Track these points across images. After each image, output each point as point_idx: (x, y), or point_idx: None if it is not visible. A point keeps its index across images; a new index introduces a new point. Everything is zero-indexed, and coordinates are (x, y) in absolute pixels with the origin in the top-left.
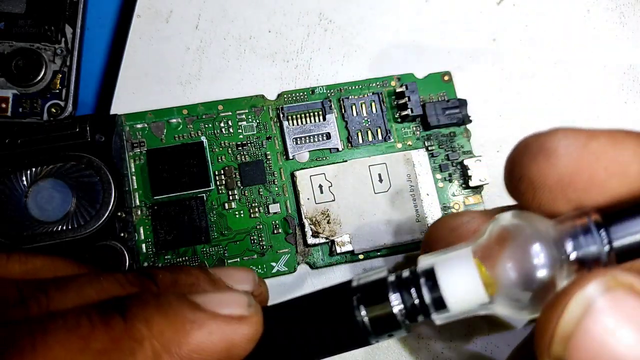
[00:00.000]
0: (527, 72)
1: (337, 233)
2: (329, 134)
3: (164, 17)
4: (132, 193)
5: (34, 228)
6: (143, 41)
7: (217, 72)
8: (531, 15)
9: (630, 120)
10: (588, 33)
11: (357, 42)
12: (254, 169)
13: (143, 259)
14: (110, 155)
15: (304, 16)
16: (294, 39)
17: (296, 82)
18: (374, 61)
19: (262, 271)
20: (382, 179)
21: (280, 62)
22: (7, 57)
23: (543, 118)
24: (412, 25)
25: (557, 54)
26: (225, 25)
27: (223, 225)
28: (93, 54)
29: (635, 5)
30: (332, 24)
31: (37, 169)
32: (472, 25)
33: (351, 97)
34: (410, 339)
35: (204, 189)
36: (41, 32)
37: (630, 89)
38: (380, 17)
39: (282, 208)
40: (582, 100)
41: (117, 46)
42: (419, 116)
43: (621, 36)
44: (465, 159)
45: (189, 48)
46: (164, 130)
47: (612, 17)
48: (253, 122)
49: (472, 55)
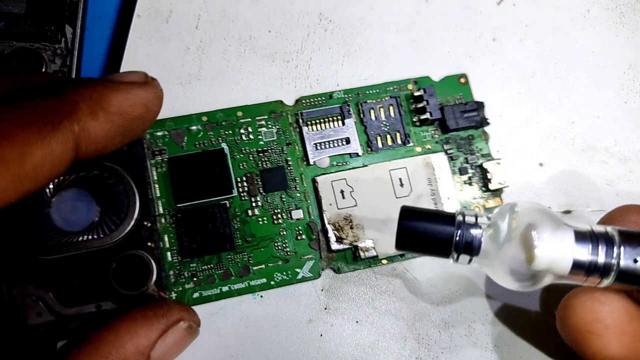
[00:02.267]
0: (527, 72)
1: (361, 238)
2: (348, 138)
3: (164, 17)
4: (154, 201)
5: (58, 238)
6: (143, 41)
7: (217, 72)
8: (531, 15)
9: (630, 120)
10: (588, 33)
11: (357, 42)
12: (275, 175)
13: (168, 267)
14: (134, 164)
15: (304, 16)
16: (294, 39)
17: (296, 82)
18: (374, 61)
19: (287, 277)
20: (402, 183)
21: (280, 62)
22: (7, 57)
23: (543, 118)
24: (412, 25)
25: (557, 54)
26: (225, 25)
27: (247, 232)
28: (93, 54)
29: (635, 5)
30: (332, 24)
31: (59, 179)
32: (472, 25)
33: (369, 101)
34: (411, 338)
35: (227, 195)
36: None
37: (630, 89)
38: (380, 17)
39: (305, 214)
40: (582, 100)
41: (117, 46)
42: (438, 119)
43: (621, 36)
44: (484, 161)
45: (189, 48)
46: (184, 137)
47: (612, 17)
48: (273, 128)
49: (472, 55)
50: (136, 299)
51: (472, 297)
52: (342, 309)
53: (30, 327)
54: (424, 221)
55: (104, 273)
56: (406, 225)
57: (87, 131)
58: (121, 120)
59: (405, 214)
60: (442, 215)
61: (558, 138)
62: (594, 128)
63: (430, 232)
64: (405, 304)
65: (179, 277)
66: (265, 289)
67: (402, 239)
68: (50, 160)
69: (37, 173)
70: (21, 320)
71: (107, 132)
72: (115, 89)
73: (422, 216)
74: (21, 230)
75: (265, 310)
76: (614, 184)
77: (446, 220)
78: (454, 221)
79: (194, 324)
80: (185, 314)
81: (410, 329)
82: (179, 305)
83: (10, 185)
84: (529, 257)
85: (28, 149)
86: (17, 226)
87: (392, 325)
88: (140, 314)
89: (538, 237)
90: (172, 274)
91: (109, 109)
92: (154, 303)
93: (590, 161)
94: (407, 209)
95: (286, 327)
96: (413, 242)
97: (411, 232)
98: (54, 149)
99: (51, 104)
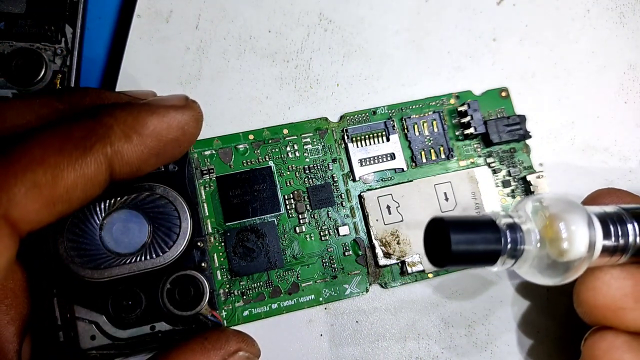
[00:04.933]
0: (527, 72)
1: (408, 253)
2: (393, 154)
3: (164, 17)
4: (203, 220)
5: (110, 260)
6: (143, 41)
7: (217, 72)
8: (531, 15)
9: (630, 120)
10: (588, 33)
11: (357, 42)
12: (322, 191)
13: (218, 286)
14: (185, 184)
15: (304, 16)
16: (294, 39)
17: (296, 82)
18: (374, 61)
19: (335, 293)
20: (447, 197)
21: (280, 62)
22: (7, 57)
23: (543, 118)
24: (412, 25)
25: (557, 54)
26: (225, 25)
27: (295, 249)
28: (93, 54)
29: (635, 5)
30: (332, 24)
31: (110, 200)
32: (472, 25)
33: (412, 117)
34: (411, 338)
35: (275, 213)
36: (41, 32)
37: (630, 89)
38: (380, 17)
39: (352, 230)
40: (582, 100)
41: (117, 46)
42: (481, 134)
43: (621, 36)
44: (527, 174)
45: (189, 48)
46: (231, 156)
47: (612, 17)
48: (318, 145)
49: (472, 55)
50: (190, 319)
51: (472, 297)
52: (342, 309)
53: (84, 351)
54: (468, 232)
55: (157, 294)
56: (455, 240)
57: (120, 154)
58: (155, 143)
59: (447, 226)
60: (482, 223)
61: (558, 138)
62: (594, 128)
63: (478, 244)
64: (405, 304)
65: (228, 295)
66: (313, 305)
67: (449, 257)
68: (82, 183)
69: (70, 195)
70: (75, 344)
71: (140, 154)
72: (152, 112)
73: (464, 227)
74: (73, 252)
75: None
76: (614, 184)
77: (489, 227)
78: (496, 226)
79: (252, 355)
80: (244, 345)
81: (410, 329)
82: (238, 336)
83: (43, 208)
84: (562, 251)
85: (59, 172)
86: (69, 249)
87: (392, 325)
88: (199, 345)
89: (567, 229)
90: (222, 292)
91: (144, 132)
92: (211, 331)
93: (590, 161)
94: (446, 221)
95: (286, 327)
96: (461, 259)
97: (459, 248)
98: (86, 171)
99: (85, 126)
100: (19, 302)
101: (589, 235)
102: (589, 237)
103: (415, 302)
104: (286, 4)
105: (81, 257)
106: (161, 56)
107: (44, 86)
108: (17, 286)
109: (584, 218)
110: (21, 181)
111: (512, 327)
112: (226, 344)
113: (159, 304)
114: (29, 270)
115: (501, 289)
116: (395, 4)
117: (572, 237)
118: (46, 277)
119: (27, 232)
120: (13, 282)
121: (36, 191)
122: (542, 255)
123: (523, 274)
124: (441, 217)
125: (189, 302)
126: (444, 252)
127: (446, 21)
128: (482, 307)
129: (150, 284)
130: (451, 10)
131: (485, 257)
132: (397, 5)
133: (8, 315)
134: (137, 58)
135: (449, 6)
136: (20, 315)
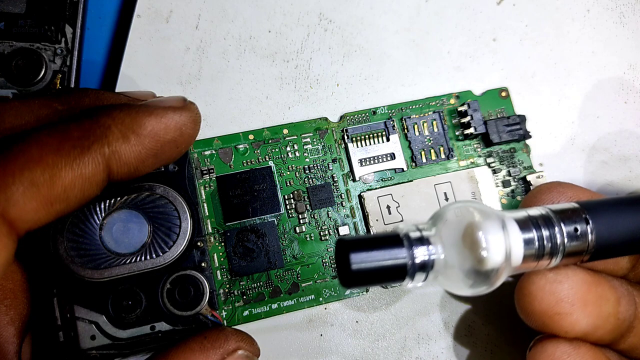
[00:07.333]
0: (527, 72)
1: None
2: (393, 154)
3: (164, 17)
4: (203, 220)
5: (110, 260)
6: (143, 41)
7: (217, 72)
8: (531, 15)
9: (630, 120)
10: (588, 33)
11: (357, 42)
12: (322, 191)
13: (218, 286)
14: (185, 184)
15: (304, 16)
16: (294, 39)
17: (296, 82)
18: (374, 61)
19: (335, 293)
20: (447, 197)
21: (280, 62)
22: (7, 57)
23: (543, 118)
24: (412, 25)
25: (557, 54)
26: (225, 25)
27: (295, 249)
28: (93, 54)
29: (635, 5)
30: (332, 24)
31: (110, 201)
32: (472, 25)
33: (412, 117)
34: (411, 338)
35: (275, 213)
36: (41, 32)
37: (630, 89)
38: (380, 17)
39: (352, 230)
40: (582, 100)
41: (117, 46)
42: (481, 134)
43: (621, 36)
44: (527, 174)
45: (189, 48)
46: (231, 156)
47: (612, 17)
48: (318, 145)
49: (472, 55)
50: (190, 319)
51: (472, 298)
52: (342, 309)
53: (84, 351)
54: (370, 250)
55: (157, 294)
56: (354, 259)
57: (117, 154)
58: (153, 144)
59: (347, 246)
60: (386, 239)
61: (558, 138)
62: (594, 128)
63: (381, 260)
64: (405, 304)
65: (229, 295)
66: (314, 305)
67: (351, 276)
68: (80, 182)
69: (68, 194)
70: (75, 344)
71: (138, 154)
72: (150, 113)
73: (366, 245)
74: (73, 252)
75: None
76: (614, 184)
77: (393, 243)
78: (401, 241)
79: (251, 354)
80: (243, 344)
81: (410, 329)
82: (237, 335)
83: (41, 207)
84: (480, 259)
85: (57, 172)
86: (68, 249)
87: (392, 325)
88: (198, 344)
89: (483, 237)
90: (222, 292)
91: (141, 132)
92: (211, 330)
93: (590, 161)
94: (347, 241)
95: (286, 327)
96: (365, 278)
97: (361, 267)
98: (84, 171)
99: (83, 127)
100: (19, 302)
101: (504, 243)
102: (505, 245)
103: (415, 302)
104: (286, 4)
105: (81, 257)
106: (161, 56)
107: (44, 86)
108: (17, 286)
109: (497, 225)
110: (19, 180)
111: (512, 327)
112: (225, 343)
113: (159, 304)
114: (28, 270)
115: (501, 289)
116: (395, 4)
117: (487, 245)
118: (46, 277)
119: (26, 231)
120: (13, 282)
121: (34, 190)
122: (459, 266)
123: (445, 287)
124: (343, 237)
125: (189, 302)
126: (346, 272)
127: (446, 21)
128: (482, 308)
129: (150, 284)
130: (451, 10)
131: (391, 274)
132: (397, 5)
133: (8, 315)
134: (137, 58)
135: (449, 6)
136: (20, 315)
